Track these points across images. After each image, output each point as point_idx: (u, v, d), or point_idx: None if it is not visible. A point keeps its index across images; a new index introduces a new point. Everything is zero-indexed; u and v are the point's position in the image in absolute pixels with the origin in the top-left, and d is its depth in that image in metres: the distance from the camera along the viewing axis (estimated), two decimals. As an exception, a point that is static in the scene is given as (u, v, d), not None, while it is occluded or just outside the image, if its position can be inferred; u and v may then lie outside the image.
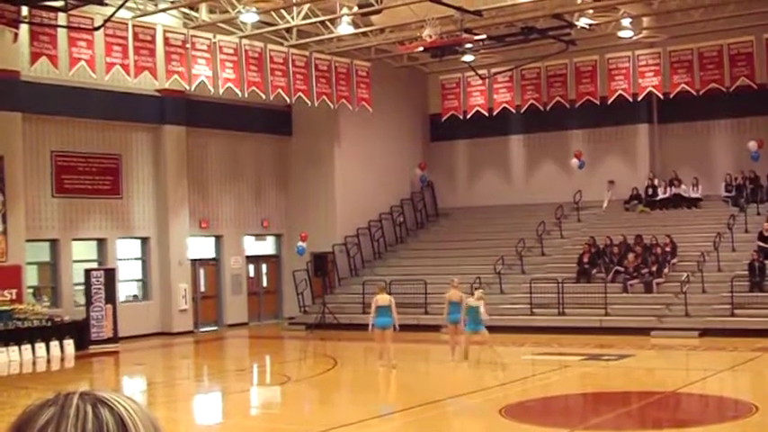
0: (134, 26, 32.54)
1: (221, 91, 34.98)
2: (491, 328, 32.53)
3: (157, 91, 37.11)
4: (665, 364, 25.39)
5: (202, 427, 21.13)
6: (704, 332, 32.09)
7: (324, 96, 38.17)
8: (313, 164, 42.93)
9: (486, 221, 43.94)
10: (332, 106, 39.10)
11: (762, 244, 35.80)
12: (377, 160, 44.11)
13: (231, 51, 34.96)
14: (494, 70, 42.19)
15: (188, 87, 34.86)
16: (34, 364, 30.80)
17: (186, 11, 36.18)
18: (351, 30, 37.18)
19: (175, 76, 33.57)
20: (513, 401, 20.91)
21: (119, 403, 1.97)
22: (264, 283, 43.63)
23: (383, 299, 27.82)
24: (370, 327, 27.32)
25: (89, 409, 1.94)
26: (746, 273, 34.39)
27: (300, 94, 37.29)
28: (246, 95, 35.72)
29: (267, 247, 44.06)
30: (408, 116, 46.56)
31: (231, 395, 25.02)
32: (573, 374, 26.25)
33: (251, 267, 42.84)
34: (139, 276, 39.02)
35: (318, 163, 42.87)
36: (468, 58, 39.70)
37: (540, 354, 29.74)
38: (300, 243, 40.43)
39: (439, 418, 19.68)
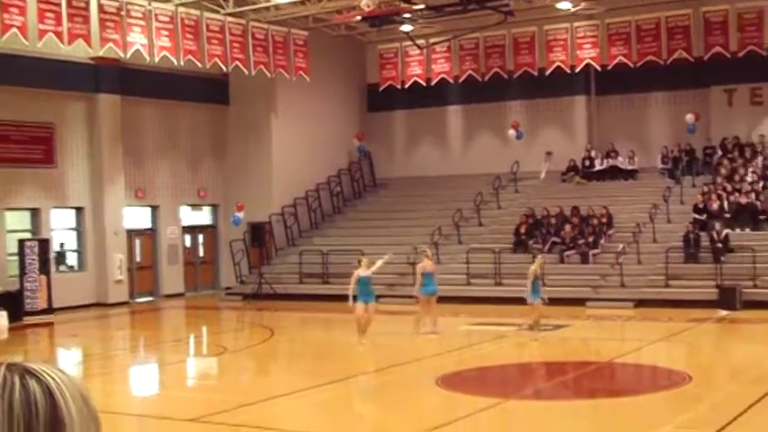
0: (68, -8, 32.08)
1: (157, 59, 34.59)
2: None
3: (92, 59, 36.63)
4: (600, 335, 25.58)
5: (139, 398, 20.97)
6: (639, 303, 32.34)
7: (261, 65, 37.87)
8: (250, 133, 42.67)
9: (423, 192, 43.93)
10: (269, 75, 38.83)
11: (697, 216, 36.11)
12: (314, 130, 43.93)
13: (167, 19, 34.55)
14: (432, 40, 42.10)
15: (123, 55, 34.39)
16: (-33, 335, 30.47)
17: (121, -22, 35.76)
18: (288, -2, 36.96)
19: (110, 44, 33.08)
20: (449, 371, 20.94)
21: (46, 374, 1.91)
22: (201, 254, 43.37)
23: (430, 265, 27.41)
24: (416, 293, 26.78)
25: (16, 379, 1.88)
26: (681, 244, 34.69)
27: (237, 63, 36.96)
28: (183, 64, 35.35)
29: (204, 217, 43.79)
30: (346, 86, 46.39)
31: (167, 366, 24.85)
32: (509, 345, 26.34)
33: (187, 237, 42.56)
34: (74, 247, 38.63)
35: (256, 133, 42.63)
36: (406, 28, 39.58)
37: (476, 324, 29.81)
38: (236, 213, 40.20)
39: (375, 387, 19.68)
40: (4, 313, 32.29)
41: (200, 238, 43.39)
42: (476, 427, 15.70)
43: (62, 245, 38.21)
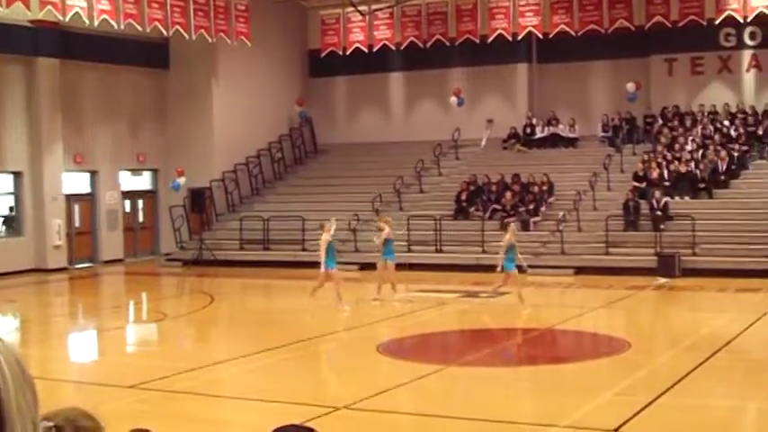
0: (5, -46, 31.57)
1: (96, 23, 34.15)
2: (371, 265, 32.71)
3: (30, 22, 36.08)
4: (541, 302, 25.69)
5: (77, 364, 20.80)
6: (579, 270, 32.53)
7: (202, 30, 37.50)
8: (191, 98, 42.31)
9: (364, 158, 43.85)
10: (210, 40, 38.49)
11: (637, 184, 36.33)
12: (255, 96, 43.66)
13: (107, -18, 34.13)
14: (374, 7, 41.92)
15: (62, 18, 33.93)
16: None
17: (60, -61, 35.23)
18: (230, -38, 36.62)
19: (49, 6, 32.56)
20: (390, 338, 20.95)
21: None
22: (141, 219, 43.02)
23: (390, 232, 27.13)
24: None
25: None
26: (621, 212, 34.91)
27: (178, 27, 36.57)
28: (123, 28, 34.94)
29: (144, 182, 43.42)
30: (287, 51, 46.10)
31: (107, 332, 24.64)
32: (450, 311, 26.39)
33: (127, 203, 42.17)
34: (12, 212, 38.22)
35: (196, 98, 42.27)
36: (348, -7, 39.40)
37: (417, 291, 29.82)
38: (176, 179, 39.90)
39: (316, 354, 19.65)
40: (-60, 279, 31.91)
41: (140, 203, 43.02)
42: (417, 393, 15.71)
43: (11, 209, 37.91)
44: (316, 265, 36.42)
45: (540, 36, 40.66)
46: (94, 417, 3.01)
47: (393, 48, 42.39)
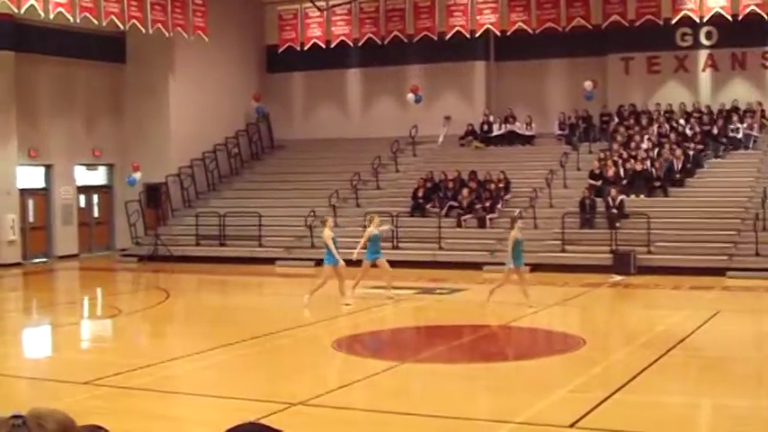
0: (-40, -55, 31.29)
1: (52, 16, 33.91)
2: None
3: (-16, 14, 35.84)
4: (496, 298, 25.66)
5: (31, 361, 20.62)
6: (535, 267, 32.56)
7: (159, 24, 37.34)
8: (147, 93, 42.09)
9: (321, 154, 43.78)
10: (167, 34, 38.33)
11: (593, 182, 36.49)
12: (212, 91, 43.48)
13: (62, -25, 33.88)
14: (332, 2, 41.93)
15: (16, 11, 33.66)
16: None
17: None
18: (187, -44, 36.45)
19: (3, -2, 32.41)
20: (345, 334, 20.93)
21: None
22: (96, 214, 42.74)
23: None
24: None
25: None
26: (577, 210, 35.05)
27: (135, 21, 36.40)
28: (78, 21, 34.70)
29: (99, 177, 43.14)
30: (245, 47, 45.96)
31: (61, 328, 24.47)
32: (406, 308, 26.38)
33: (82, 198, 41.90)
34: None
35: (153, 92, 42.06)
36: (306, -11, 39.33)
37: (373, 287, 29.78)
38: (132, 174, 39.68)
39: (271, 351, 19.58)
40: None
41: (95, 198, 42.74)
42: (372, 389, 15.70)
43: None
44: (270, 261, 36.58)
45: (498, 34, 40.80)
46: (68, 424, 2.94)
47: (351, 44, 42.41)
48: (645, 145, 38.38)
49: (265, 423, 3.45)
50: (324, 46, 42.38)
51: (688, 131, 39.08)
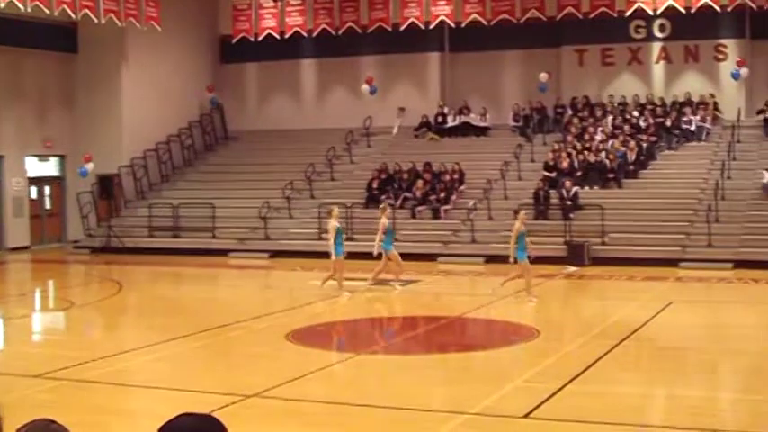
0: None
1: (2, 5, 33.58)
2: (282, 253, 32.63)
3: (-66, 3, 35.41)
4: (451, 290, 25.74)
5: (-20, 352, 20.43)
6: (490, 258, 32.62)
7: (111, 14, 37.04)
8: (99, 83, 41.76)
9: (275, 145, 43.64)
10: (119, 24, 38.03)
11: (547, 173, 36.59)
12: (165, 81, 43.22)
13: (14, -36, 33.55)
14: (286, -7, 41.76)
15: (-35, 0, 33.35)
16: None
17: None
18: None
19: (-49, -12, 32.06)
20: (299, 326, 20.87)
21: None
22: (48, 206, 42.36)
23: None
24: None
25: None
26: (532, 201, 35.11)
27: (86, 10, 36.09)
28: (29, 10, 34.36)
29: (50, 168, 42.76)
30: (198, 37, 45.71)
31: (12, 321, 24.25)
32: (360, 299, 26.34)
33: (33, 189, 41.51)
34: None
35: (105, 83, 41.73)
36: (260, -21, 39.15)
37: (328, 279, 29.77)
38: (84, 165, 39.37)
39: (225, 343, 19.50)
40: None
41: (47, 189, 42.35)
42: (327, 381, 15.66)
43: None
44: (223, 252, 36.46)
45: (453, 25, 40.80)
46: None
47: (305, 35, 42.23)
48: (599, 137, 38.53)
49: (201, 413, 3.44)
50: (278, 37, 42.20)
51: (641, 123, 39.26)
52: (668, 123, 38.95)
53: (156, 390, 15.17)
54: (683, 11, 37.71)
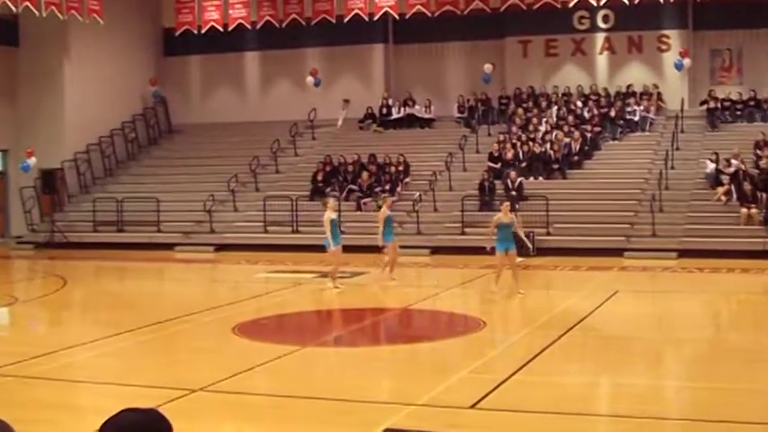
0: None
1: (-58, -2, 33.23)
2: (227, 246, 32.50)
3: None
4: (397, 282, 25.71)
5: None
6: (435, 250, 32.71)
7: (52, 7, 36.70)
8: (41, 77, 41.40)
9: (220, 138, 43.53)
10: (61, 17, 37.69)
11: (492, 164, 36.71)
12: (108, 74, 42.91)
13: (-48, -44, 33.14)
14: (230, -15, 41.58)
15: None
16: None
17: None
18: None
19: None
20: (245, 319, 20.79)
21: None
22: (-10, 201, 42.02)
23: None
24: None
25: None
26: (477, 192, 35.20)
27: (27, 3, 35.73)
28: (-31, 3, 34.03)
29: (-8, 162, 42.42)
30: (141, 30, 45.43)
31: (-47, 316, 23.99)
32: (306, 292, 26.31)
33: (-25, 184, 41.15)
34: None
35: (47, 76, 41.37)
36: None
37: (273, 271, 29.74)
38: (26, 159, 39.00)
39: (171, 337, 19.39)
40: None
41: (-11, 184, 42.00)
42: (273, 374, 15.61)
43: None
44: (168, 246, 36.27)
45: (397, 17, 40.82)
46: None
47: (249, 27, 42.11)
48: (543, 128, 38.70)
49: (145, 407, 3.43)
50: (221, 29, 42.02)
51: (586, 114, 39.50)
52: (612, 114, 39.21)
53: (102, 385, 15.06)
54: (627, 2, 37.99)
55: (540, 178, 36.45)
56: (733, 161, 34.57)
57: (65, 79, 41.51)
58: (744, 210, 32.67)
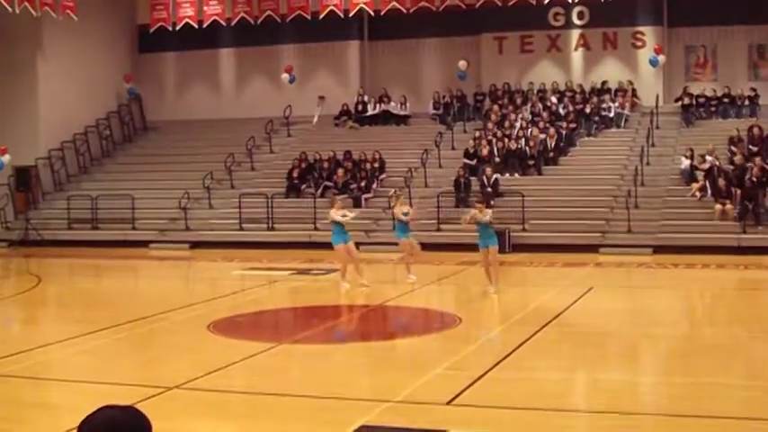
0: None
1: None
2: (202, 243, 32.41)
3: None
4: (373, 278, 25.70)
5: None
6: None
7: (25, 3, 36.47)
8: (15, 73, 41.17)
9: (195, 136, 43.43)
10: (35, 14, 37.51)
11: (467, 161, 36.75)
12: (82, 71, 42.74)
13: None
14: (204, -18, 41.46)
15: None
16: None
17: None
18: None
19: None
20: (221, 317, 20.75)
21: None
22: (-37, 199, 41.73)
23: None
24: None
25: None
26: (452, 189, 35.23)
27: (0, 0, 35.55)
28: (-59, 0, 33.80)
29: (-35, 160, 42.10)
30: (116, 26, 45.29)
31: (-73, 315, 23.86)
32: (282, 289, 26.30)
33: (-52, 182, 40.87)
34: None
35: (21, 73, 41.14)
36: (177, -32, 38.82)
37: (249, 269, 29.71)
38: (0, 157, 38.78)
39: (147, 334, 19.33)
40: None
41: (-38, 182, 41.69)
42: (249, 371, 15.58)
43: None
44: (143, 244, 36.19)
45: (372, 13, 40.77)
46: None
47: (224, 24, 41.97)
48: (518, 124, 38.75)
49: (123, 405, 3.43)
50: (196, 26, 41.88)
51: (561, 110, 39.57)
52: (587, 110, 39.30)
53: (78, 383, 15.00)
54: (601, -2, 38.04)
55: (516, 175, 36.51)
56: (708, 157, 34.72)
57: (38, 76, 41.31)
58: (718, 206, 32.80)
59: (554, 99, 40.51)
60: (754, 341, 18.15)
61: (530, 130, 38.15)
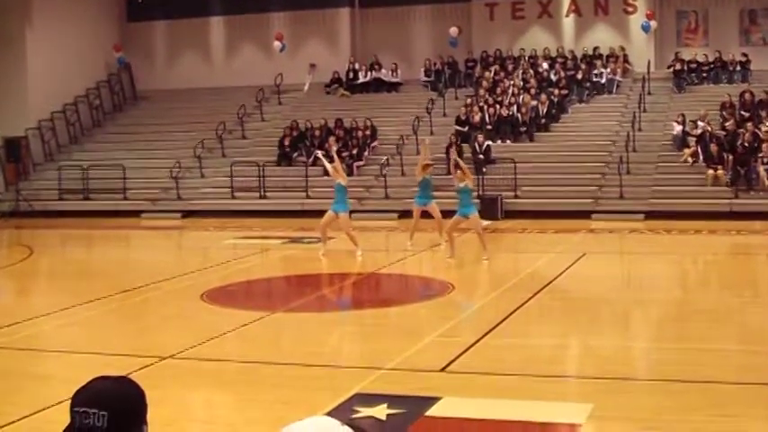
0: None
1: None
2: (194, 213, 32.35)
3: None
4: (365, 246, 25.67)
5: None
6: (403, 214, 32.65)
7: (14, -27, 36.35)
8: (3, 44, 40.90)
9: (185, 104, 43.30)
10: (23, -17, 37.34)
11: (459, 128, 36.69)
12: (72, 41, 42.52)
13: None
14: (193, -50, 41.28)
15: None
16: None
17: None
18: None
19: None
20: (214, 286, 20.74)
21: None
22: (-47, 171, 41.62)
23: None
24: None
25: None
26: (444, 156, 35.15)
27: (-12, -30, 35.40)
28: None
29: (-45, 131, 41.97)
30: (105, -5, 45.07)
31: None
32: (275, 257, 26.30)
33: (-62, 153, 40.74)
34: None
35: (9, 44, 40.89)
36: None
37: (241, 237, 29.68)
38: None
39: (139, 304, 19.32)
40: None
41: (-47, 154, 41.58)
42: (243, 340, 15.58)
43: None
44: (135, 214, 36.12)
45: (362, -20, 40.63)
46: None
47: (213, -9, 41.78)
48: (510, 91, 38.67)
49: (117, 375, 3.42)
50: (185, -6, 41.73)
51: (552, 77, 39.49)
52: (579, 76, 39.23)
53: (71, 354, 14.99)
54: (592, -37, 37.92)
55: (508, 141, 36.46)
56: (699, 123, 34.68)
57: (27, 46, 41.08)
58: (710, 171, 32.79)
59: (545, 65, 40.43)
60: (746, 306, 18.21)
61: (521, 96, 38.07)
